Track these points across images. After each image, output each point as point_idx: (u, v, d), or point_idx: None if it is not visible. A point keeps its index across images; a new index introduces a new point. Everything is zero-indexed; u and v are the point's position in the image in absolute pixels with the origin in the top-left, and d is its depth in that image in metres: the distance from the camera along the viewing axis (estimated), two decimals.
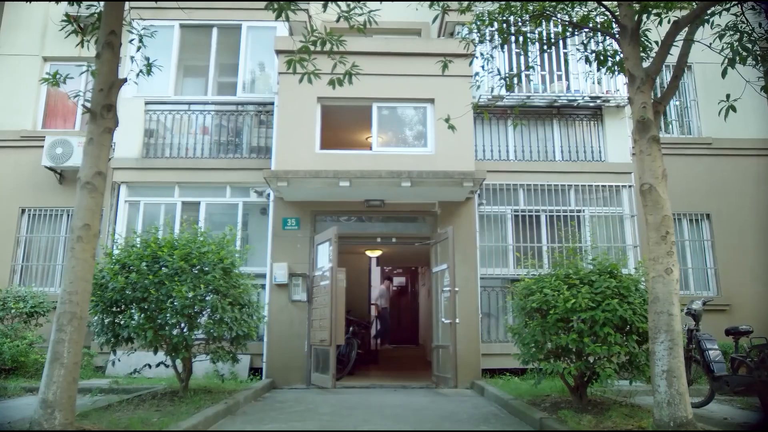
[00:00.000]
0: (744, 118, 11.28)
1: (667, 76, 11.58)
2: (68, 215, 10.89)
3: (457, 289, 8.49)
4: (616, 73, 6.82)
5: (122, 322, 6.54)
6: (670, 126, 11.60)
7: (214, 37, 10.88)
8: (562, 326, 5.90)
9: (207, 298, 6.59)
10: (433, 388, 8.91)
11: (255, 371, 9.38)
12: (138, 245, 6.87)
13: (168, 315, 6.32)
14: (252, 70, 10.94)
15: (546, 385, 6.94)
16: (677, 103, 11.74)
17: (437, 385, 8.96)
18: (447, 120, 6.54)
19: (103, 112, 5.04)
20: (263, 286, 9.59)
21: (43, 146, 10.63)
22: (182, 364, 6.97)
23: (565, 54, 10.47)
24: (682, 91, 11.74)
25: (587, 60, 6.84)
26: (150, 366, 7.19)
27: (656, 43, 5.93)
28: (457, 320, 8.47)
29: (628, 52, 5.41)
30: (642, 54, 5.92)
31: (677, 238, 10.56)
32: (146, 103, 10.49)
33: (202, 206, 10.16)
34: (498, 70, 7.16)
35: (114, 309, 6.59)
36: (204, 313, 6.79)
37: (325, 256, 8.97)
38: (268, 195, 9.89)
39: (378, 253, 13.06)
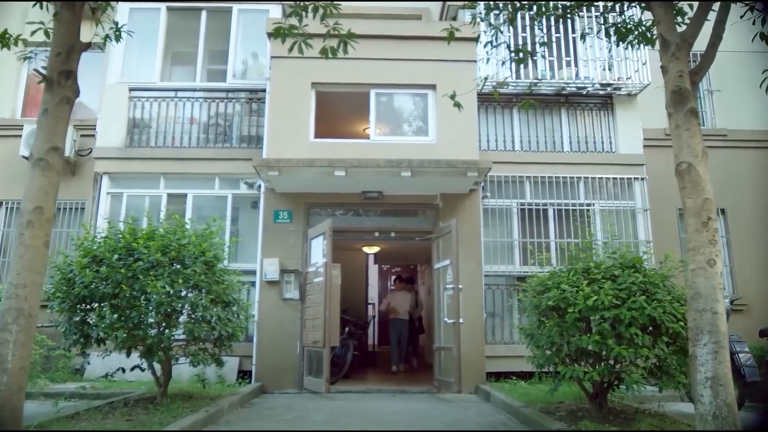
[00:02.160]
0: (760, 109, 10.64)
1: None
2: None
3: (461, 286, 7.77)
4: (639, 46, 6.11)
5: (92, 321, 5.81)
6: None
7: (203, 21, 10.14)
8: (582, 326, 5.19)
9: (187, 295, 5.87)
10: (434, 392, 8.20)
11: (244, 374, 8.66)
12: (113, 236, 6.14)
13: (142, 313, 5.60)
14: (243, 56, 10.23)
15: (559, 390, 6.24)
16: None
17: (439, 389, 8.24)
18: (452, 97, 5.81)
19: (60, 80, 4.34)
20: (254, 284, 8.88)
21: (21, 135, 9.91)
22: (161, 367, 6.25)
23: (574, 39, 9.77)
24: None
25: (607, 33, 6.12)
26: (123, 370, 6.48)
27: (690, 6, 5.25)
28: (461, 320, 7.74)
29: (660, 15, 4.71)
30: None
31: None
32: (130, 90, 9.76)
33: (189, 199, 9.43)
34: (507, 45, 6.43)
35: (83, 306, 5.86)
36: (184, 311, 6.08)
37: (319, 251, 8.26)
38: (259, 187, 9.17)
39: (376, 249, 12.31)
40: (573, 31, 9.79)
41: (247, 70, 10.22)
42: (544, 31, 7.48)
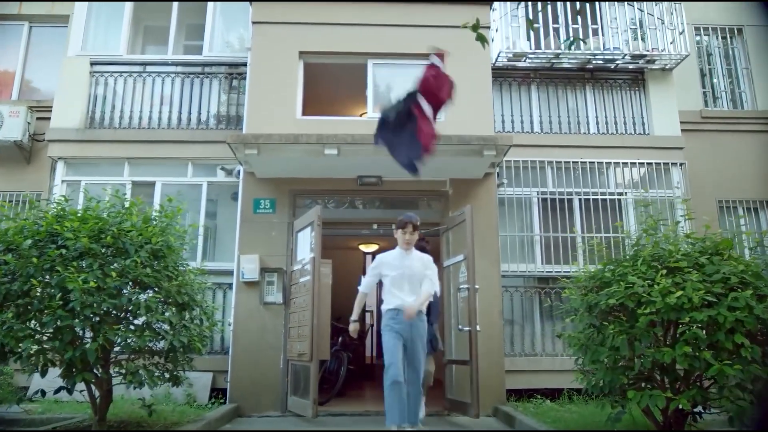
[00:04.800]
0: None
1: (713, 38, 9.49)
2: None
3: (477, 286, 6.23)
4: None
5: None
6: (719, 99, 9.42)
7: None
8: (659, 333, 3.67)
9: (122, 293, 4.31)
10: (445, 415, 6.62)
11: (219, 393, 7.09)
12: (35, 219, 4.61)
13: (59, 317, 4.05)
14: (222, 27, 8.76)
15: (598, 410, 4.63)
16: (727, 70, 9.57)
17: (450, 411, 6.65)
18: (475, 28, 4.31)
19: None
20: (231, 286, 7.34)
21: None
22: (98, 388, 4.68)
23: (600, 3, 8.31)
24: (732, 59, 9.59)
25: None
26: (69, 390, 4.90)
27: None
28: (478, 328, 6.18)
29: None
30: None
31: (729, 228, 8.36)
32: (92, 64, 8.25)
33: (158, 188, 7.88)
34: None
35: None
36: (123, 314, 4.53)
37: (306, 245, 6.72)
38: (239, 173, 7.64)
39: (374, 248, 10.67)
40: None
41: (227, 43, 8.75)
42: None
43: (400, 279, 4.92)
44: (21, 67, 9.02)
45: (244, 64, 8.07)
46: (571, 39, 3.99)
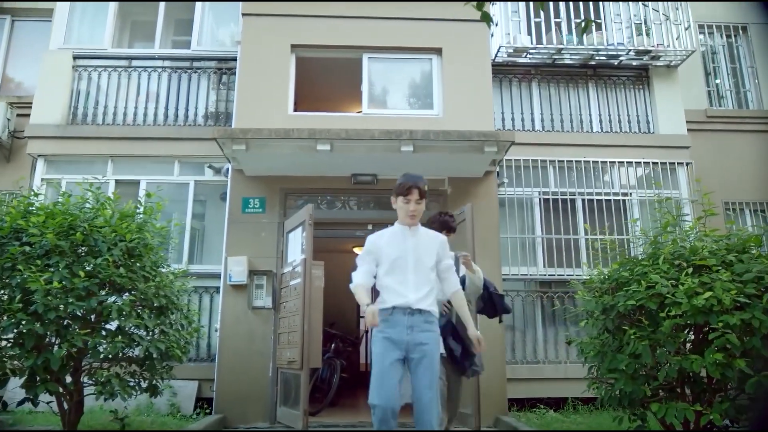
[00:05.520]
0: None
1: (718, 36, 9.17)
2: None
3: None
4: None
5: None
6: (724, 98, 9.10)
7: None
8: (685, 338, 3.29)
9: (89, 294, 3.89)
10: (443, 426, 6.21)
11: (204, 403, 6.66)
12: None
13: (20, 321, 3.63)
14: (212, 20, 8.38)
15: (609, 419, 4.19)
16: (732, 69, 9.26)
17: (449, 422, 6.24)
18: (480, 7, 3.93)
19: None
20: (218, 290, 6.93)
21: None
22: (65, 399, 4.26)
23: None
24: (737, 57, 9.28)
25: None
26: (33, 400, 4.47)
27: None
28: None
29: None
30: None
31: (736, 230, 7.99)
32: (75, 58, 7.85)
33: (143, 187, 7.47)
34: None
35: None
36: (96, 318, 4.12)
37: (297, 246, 6.31)
38: (227, 172, 7.24)
39: None
40: None
41: (217, 40, 8.38)
42: None
43: (402, 267, 3.30)
44: (2, 62, 8.63)
45: (234, 59, 7.70)
46: (583, 20, 3.61)
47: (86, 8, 8.22)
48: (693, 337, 3.47)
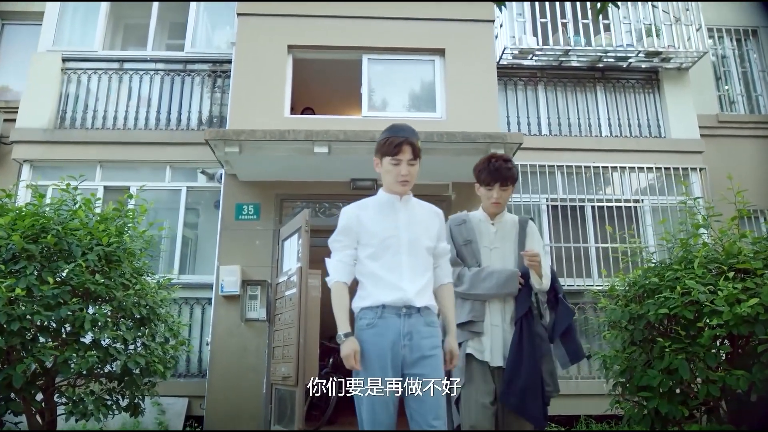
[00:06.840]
0: None
1: (727, 40, 8.85)
2: None
3: None
4: None
5: None
6: (735, 103, 8.75)
7: None
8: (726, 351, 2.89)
9: (59, 304, 3.49)
10: None
11: (194, 421, 6.23)
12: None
13: None
14: (206, 22, 8.07)
15: None
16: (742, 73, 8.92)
17: None
18: None
19: None
20: (210, 301, 6.52)
21: None
22: (29, 419, 3.83)
23: None
24: (747, 61, 8.95)
25: None
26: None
27: None
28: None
29: None
30: None
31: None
32: (64, 60, 7.52)
33: (132, 193, 7.09)
34: None
35: None
36: (70, 330, 3.71)
37: (293, 254, 5.92)
38: (221, 177, 6.88)
39: None
40: None
41: (211, 40, 8.06)
42: None
43: (394, 248, 2.44)
44: None
45: (229, 62, 7.36)
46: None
47: (77, 10, 7.90)
48: (730, 349, 3.08)
